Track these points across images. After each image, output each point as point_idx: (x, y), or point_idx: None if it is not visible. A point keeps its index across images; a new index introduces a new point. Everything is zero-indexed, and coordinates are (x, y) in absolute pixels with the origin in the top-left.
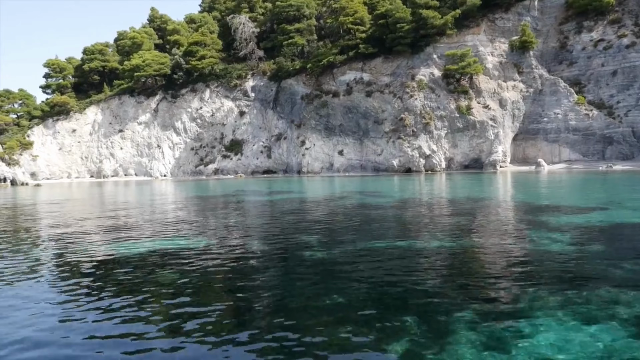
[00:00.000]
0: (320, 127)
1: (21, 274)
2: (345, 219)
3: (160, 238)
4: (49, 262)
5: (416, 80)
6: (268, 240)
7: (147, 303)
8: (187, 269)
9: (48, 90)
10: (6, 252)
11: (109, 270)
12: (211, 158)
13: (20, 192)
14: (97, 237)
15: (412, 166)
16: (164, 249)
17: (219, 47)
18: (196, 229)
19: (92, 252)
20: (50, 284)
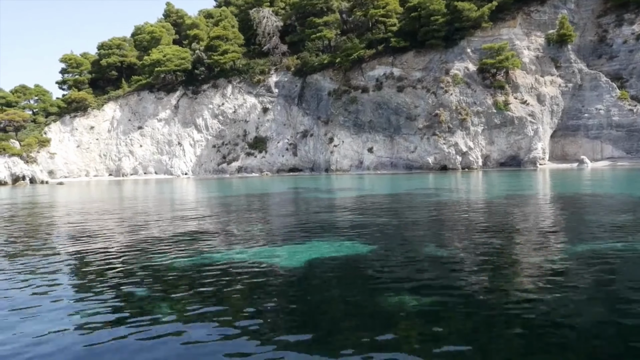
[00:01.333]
0: (349, 123)
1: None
2: (462, 216)
3: (292, 243)
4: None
5: (451, 75)
6: (438, 241)
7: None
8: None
9: (64, 86)
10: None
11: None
12: (234, 156)
13: (45, 191)
14: (185, 245)
15: (448, 163)
16: (327, 259)
17: (240, 42)
18: (338, 231)
19: (201, 265)
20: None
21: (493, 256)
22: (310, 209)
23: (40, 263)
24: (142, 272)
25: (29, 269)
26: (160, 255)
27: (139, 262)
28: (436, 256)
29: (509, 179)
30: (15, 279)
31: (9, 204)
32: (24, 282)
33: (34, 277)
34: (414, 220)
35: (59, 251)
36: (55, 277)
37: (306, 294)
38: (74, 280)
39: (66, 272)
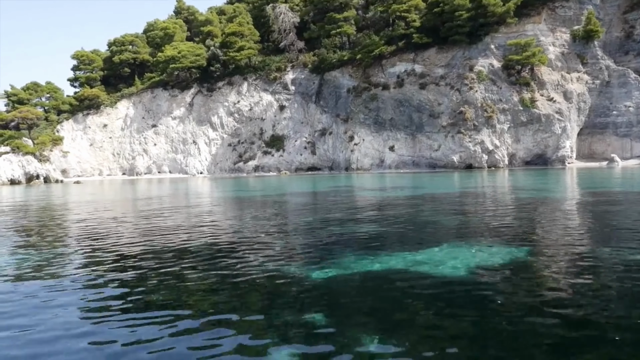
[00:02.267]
0: (369, 121)
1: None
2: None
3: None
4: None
5: (475, 72)
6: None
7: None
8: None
9: (75, 83)
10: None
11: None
12: (251, 154)
13: (65, 191)
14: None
15: (473, 162)
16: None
17: (256, 38)
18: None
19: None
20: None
21: None
22: (404, 210)
23: (87, 272)
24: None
25: (76, 281)
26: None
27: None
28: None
29: (544, 178)
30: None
31: (35, 203)
32: (80, 295)
33: (80, 287)
34: (541, 222)
35: (107, 259)
36: (102, 290)
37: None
38: (117, 291)
39: (113, 281)
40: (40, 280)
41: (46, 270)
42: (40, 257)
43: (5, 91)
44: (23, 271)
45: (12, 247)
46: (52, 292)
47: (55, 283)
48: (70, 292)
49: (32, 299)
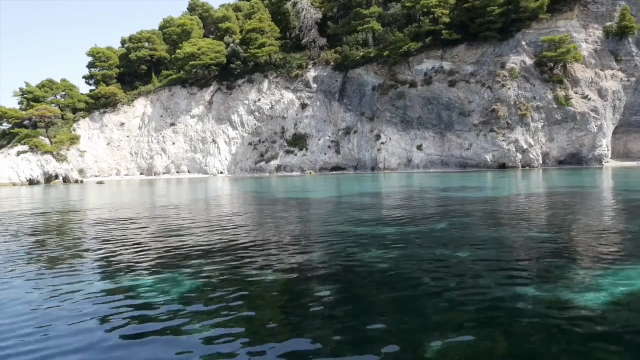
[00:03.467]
0: (396, 119)
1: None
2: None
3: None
4: None
5: (507, 69)
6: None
7: None
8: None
9: (90, 80)
10: None
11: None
12: (272, 154)
13: (96, 191)
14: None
15: (507, 161)
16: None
17: (277, 35)
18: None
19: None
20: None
21: None
22: (548, 215)
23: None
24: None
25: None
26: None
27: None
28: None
29: (591, 178)
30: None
31: (78, 212)
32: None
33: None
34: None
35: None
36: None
37: None
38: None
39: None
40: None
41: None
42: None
43: (20, 89)
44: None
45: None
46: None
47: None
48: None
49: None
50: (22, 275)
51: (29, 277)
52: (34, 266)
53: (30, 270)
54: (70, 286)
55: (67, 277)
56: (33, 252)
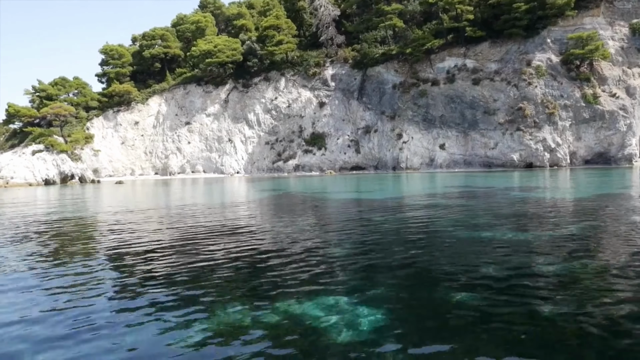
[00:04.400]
0: (418, 118)
1: None
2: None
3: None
4: None
5: (533, 67)
6: None
7: None
8: None
9: (103, 78)
10: None
11: None
12: (290, 153)
13: (120, 192)
14: None
15: (534, 161)
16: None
17: (294, 32)
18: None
19: None
20: None
21: None
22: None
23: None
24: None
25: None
26: None
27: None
28: None
29: (631, 179)
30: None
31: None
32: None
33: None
34: None
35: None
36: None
37: None
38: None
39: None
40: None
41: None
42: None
43: (33, 87)
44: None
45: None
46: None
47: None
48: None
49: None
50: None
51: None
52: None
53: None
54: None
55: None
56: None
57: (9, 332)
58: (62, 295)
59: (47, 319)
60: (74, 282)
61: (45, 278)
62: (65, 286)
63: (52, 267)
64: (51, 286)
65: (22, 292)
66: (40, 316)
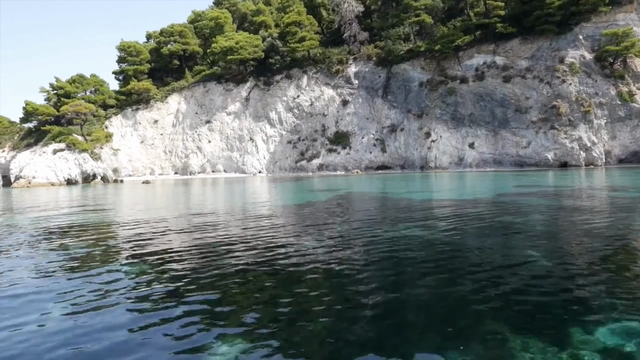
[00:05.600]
0: (447, 117)
1: None
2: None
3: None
4: None
5: (566, 64)
6: None
7: None
8: None
9: (120, 76)
10: None
11: None
12: (314, 152)
13: (157, 194)
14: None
15: (570, 160)
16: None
17: (316, 29)
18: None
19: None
20: None
21: None
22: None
23: None
24: None
25: None
26: None
27: None
28: None
29: None
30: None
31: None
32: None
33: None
34: None
35: None
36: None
37: None
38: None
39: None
40: None
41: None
42: None
43: (50, 84)
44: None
45: None
46: None
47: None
48: None
49: None
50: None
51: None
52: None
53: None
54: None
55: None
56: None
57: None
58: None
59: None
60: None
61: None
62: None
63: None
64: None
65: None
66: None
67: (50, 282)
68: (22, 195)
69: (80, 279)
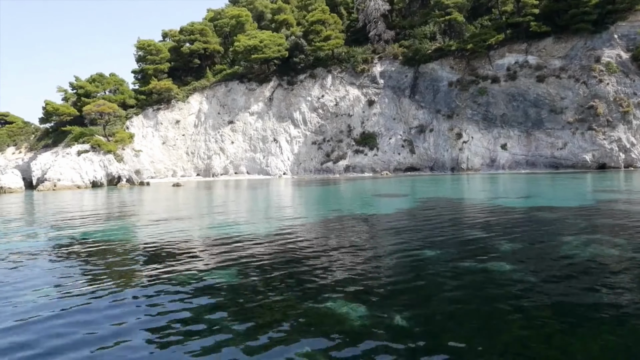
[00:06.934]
0: (478, 117)
1: None
2: None
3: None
4: None
5: (602, 63)
6: None
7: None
8: None
9: (138, 75)
10: None
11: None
12: (340, 153)
13: (220, 199)
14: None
15: (609, 161)
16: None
17: (340, 27)
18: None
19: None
20: None
21: None
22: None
23: None
24: None
25: None
26: None
27: None
28: None
29: None
30: None
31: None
32: None
33: None
34: None
35: None
36: None
37: None
38: None
39: None
40: None
41: None
42: None
43: (70, 83)
44: None
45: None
46: None
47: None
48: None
49: None
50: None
51: None
52: None
53: None
54: None
55: None
56: None
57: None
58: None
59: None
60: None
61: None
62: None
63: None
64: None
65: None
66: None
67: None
68: (57, 200)
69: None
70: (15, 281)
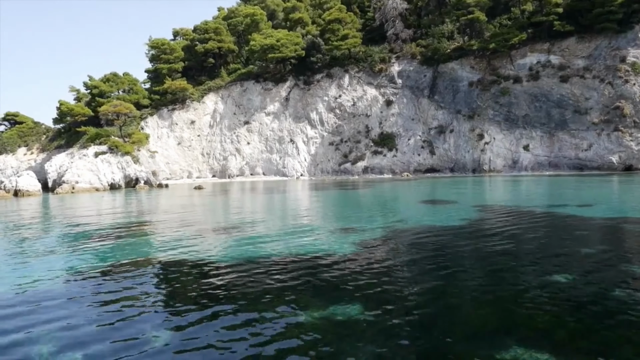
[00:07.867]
0: (499, 118)
1: None
2: None
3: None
4: None
5: (628, 63)
6: None
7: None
8: None
9: (151, 74)
10: None
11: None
12: (358, 154)
13: (238, 204)
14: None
15: (636, 163)
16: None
17: (357, 26)
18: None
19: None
20: None
21: None
22: None
23: None
24: None
25: None
26: None
27: None
28: None
29: None
30: None
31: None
32: None
33: None
34: None
35: None
36: None
37: None
38: None
39: None
40: None
41: None
42: None
43: (84, 83)
44: None
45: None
46: None
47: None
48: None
49: None
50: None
51: None
52: None
53: None
54: None
55: None
56: None
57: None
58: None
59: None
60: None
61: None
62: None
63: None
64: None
65: None
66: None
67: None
68: (84, 205)
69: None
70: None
